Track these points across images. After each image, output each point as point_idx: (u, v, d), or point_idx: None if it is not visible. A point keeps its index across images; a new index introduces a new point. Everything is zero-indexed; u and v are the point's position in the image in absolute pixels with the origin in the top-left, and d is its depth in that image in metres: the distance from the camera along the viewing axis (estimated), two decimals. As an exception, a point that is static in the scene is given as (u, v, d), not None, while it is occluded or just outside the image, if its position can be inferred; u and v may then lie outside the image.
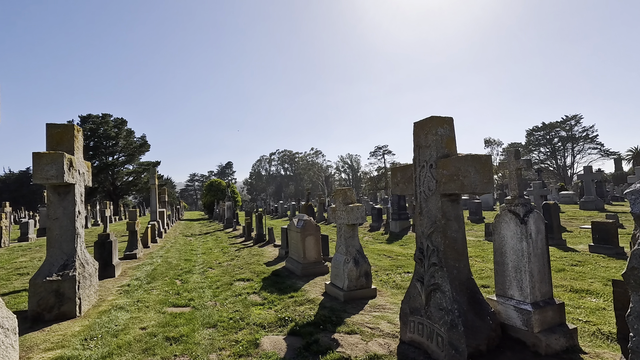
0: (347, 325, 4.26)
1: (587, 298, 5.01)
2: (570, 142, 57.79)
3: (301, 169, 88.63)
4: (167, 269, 8.30)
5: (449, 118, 3.53)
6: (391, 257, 8.84)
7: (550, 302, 3.16)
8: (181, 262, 9.17)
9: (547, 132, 60.19)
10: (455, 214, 3.39)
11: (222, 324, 4.49)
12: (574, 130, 57.65)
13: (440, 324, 3.23)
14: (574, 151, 58.07)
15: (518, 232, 3.18)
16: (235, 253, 10.54)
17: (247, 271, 7.71)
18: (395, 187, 4.05)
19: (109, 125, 53.51)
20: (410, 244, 11.11)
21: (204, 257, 10.02)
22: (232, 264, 8.78)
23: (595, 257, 7.72)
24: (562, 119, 58.24)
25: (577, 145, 57.59)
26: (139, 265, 8.80)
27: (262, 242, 12.21)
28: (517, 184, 3.41)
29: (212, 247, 12.19)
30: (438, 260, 3.34)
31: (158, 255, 10.23)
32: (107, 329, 4.31)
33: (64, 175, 4.69)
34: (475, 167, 3.02)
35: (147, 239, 12.02)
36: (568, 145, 58.20)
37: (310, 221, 6.93)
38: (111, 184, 53.48)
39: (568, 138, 57.96)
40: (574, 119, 57.19)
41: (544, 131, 60.57)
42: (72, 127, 5.20)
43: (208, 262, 9.16)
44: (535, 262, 3.14)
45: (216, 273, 7.73)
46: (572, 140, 57.48)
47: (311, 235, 6.75)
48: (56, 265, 4.86)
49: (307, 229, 6.77)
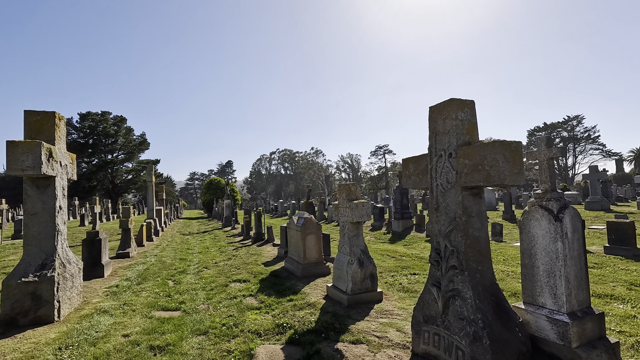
0: (351, 333, 3.85)
1: (613, 304, 4.59)
2: (571, 142, 57.35)
3: (301, 168, 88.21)
4: (160, 268, 7.89)
5: (470, 101, 3.11)
6: (395, 258, 8.42)
7: (588, 312, 2.74)
8: (176, 262, 8.76)
9: (549, 133, 59.78)
10: (477, 210, 2.97)
11: (214, 330, 4.07)
12: (575, 130, 57.25)
13: (460, 336, 2.81)
14: (575, 152, 57.66)
15: (552, 231, 2.76)
16: (232, 252, 10.13)
17: (244, 271, 7.30)
18: (407, 180, 3.63)
19: (108, 123, 53.07)
20: (414, 243, 10.69)
21: (200, 257, 9.61)
22: (228, 263, 8.37)
23: (612, 258, 7.30)
24: (564, 119, 57.86)
25: (578, 146, 57.18)
26: (131, 264, 8.38)
27: (260, 241, 11.80)
28: (548, 175, 2.99)
29: (209, 246, 11.78)
30: (458, 262, 2.92)
31: (152, 254, 9.82)
32: (85, 336, 3.90)
33: (41, 167, 4.27)
34: (505, 155, 2.60)
35: (142, 237, 11.61)
36: (570, 146, 57.76)
37: (311, 219, 6.51)
38: (110, 181, 53.06)
39: (570, 138, 57.53)
40: (575, 119, 56.79)
41: (545, 131, 60.14)
42: (53, 115, 4.78)
43: (204, 262, 8.75)
44: (572, 266, 2.72)
45: (211, 273, 7.31)
46: (573, 140, 57.05)
47: (312, 234, 6.33)
48: (33, 265, 4.44)
49: (307, 227, 6.36)
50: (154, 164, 57.24)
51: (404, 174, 3.68)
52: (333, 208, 5.49)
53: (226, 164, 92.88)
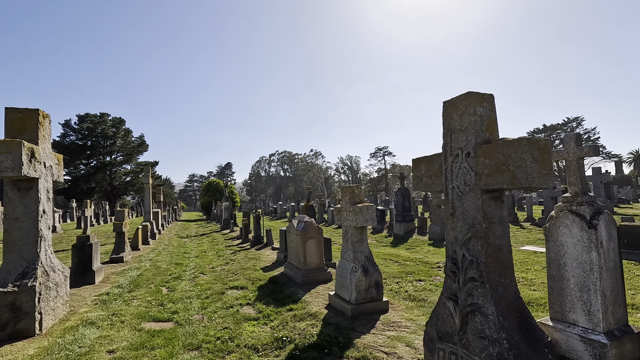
0: (357, 348, 3.54)
1: (637, 315, 4.29)
2: None
3: (301, 170, 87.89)
4: (154, 274, 7.56)
5: (489, 95, 2.81)
6: (399, 263, 8.11)
7: (627, 331, 2.44)
8: (171, 267, 8.43)
9: (549, 134, 59.62)
10: (499, 216, 2.67)
11: (207, 345, 3.76)
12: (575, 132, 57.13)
13: (482, 357, 2.50)
14: None
15: (584, 239, 2.46)
16: (230, 256, 9.81)
17: (242, 277, 6.98)
18: (418, 182, 3.33)
19: (106, 125, 52.71)
20: (417, 247, 10.38)
21: (197, 261, 9.29)
22: (226, 268, 8.05)
23: (626, 264, 7.00)
24: (564, 120, 57.71)
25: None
26: (124, 269, 8.05)
27: (259, 245, 11.48)
28: (579, 177, 2.69)
29: (206, 250, 11.46)
30: (478, 274, 2.61)
31: (147, 259, 9.49)
32: (67, 352, 3.58)
33: (22, 168, 3.96)
34: (533, 154, 2.30)
35: (138, 240, 11.28)
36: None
37: (311, 223, 6.20)
38: (109, 183, 52.65)
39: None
40: (575, 120, 56.64)
41: (545, 133, 59.99)
42: (37, 113, 4.47)
43: (200, 267, 8.43)
44: (608, 278, 2.42)
45: (208, 279, 6.99)
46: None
47: (313, 239, 6.02)
48: (13, 273, 4.13)
49: (308, 231, 6.04)
50: (153, 166, 56.95)
51: (415, 176, 3.38)
52: (335, 212, 5.19)
53: (225, 166, 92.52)
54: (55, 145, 49.39)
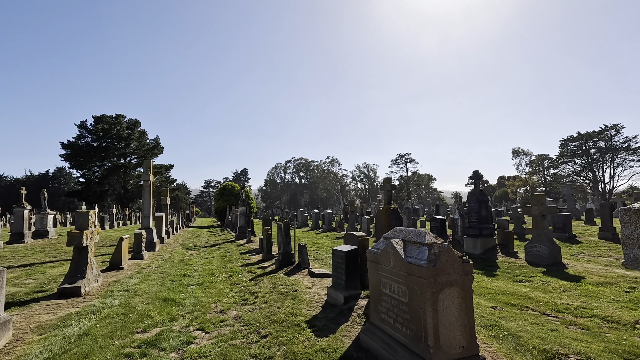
0: None
1: None
2: (609, 153, 51.67)
3: (316, 177, 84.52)
4: (110, 333, 4.20)
5: None
6: (558, 319, 4.57)
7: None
8: (152, 309, 5.13)
9: (583, 143, 54.35)
10: None
11: None
12: (614, 140, 51.57)
13: None
14: (613, 163, 51.88)
15: None
16: (249, 287, 6.48)
17: (275, 348, 3.61)
18: None
19: (121, 126, 50.93)
20: (530, 278, 6.73)
21: (198, 295, 6.01)
22: (243, 317, 4.71)
23: None
24: (601, 128, 52.36)
25: (617, 157, 51.46)
26: (64, 316, 4.74)
27: (289, 266, 8.12)
28: None
29: (215, 271, 8.18)
30: None
31: (122, 290, 6.20)
32: None
33: None
34: None
35: (121, 256, 8.10)
36: (607, 157, 52.09)
37: (449, 250, 2.76)
38: (122, 186, 50.67)
39: (607, 149, 51.92)
40: (614, 128, 51.19)
41: (579, 141, 54.75)
42: None
43: (201, 309, 5.14)
44: None
45: (207, 351, 3.67)
46: (611, 151, 51.38)
47: (453, 287, 2.58)
48: None
49: (442, 270, 2.63)
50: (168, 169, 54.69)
51: None
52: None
53: (241, 172, 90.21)
54: (69, 146, 47.81)
